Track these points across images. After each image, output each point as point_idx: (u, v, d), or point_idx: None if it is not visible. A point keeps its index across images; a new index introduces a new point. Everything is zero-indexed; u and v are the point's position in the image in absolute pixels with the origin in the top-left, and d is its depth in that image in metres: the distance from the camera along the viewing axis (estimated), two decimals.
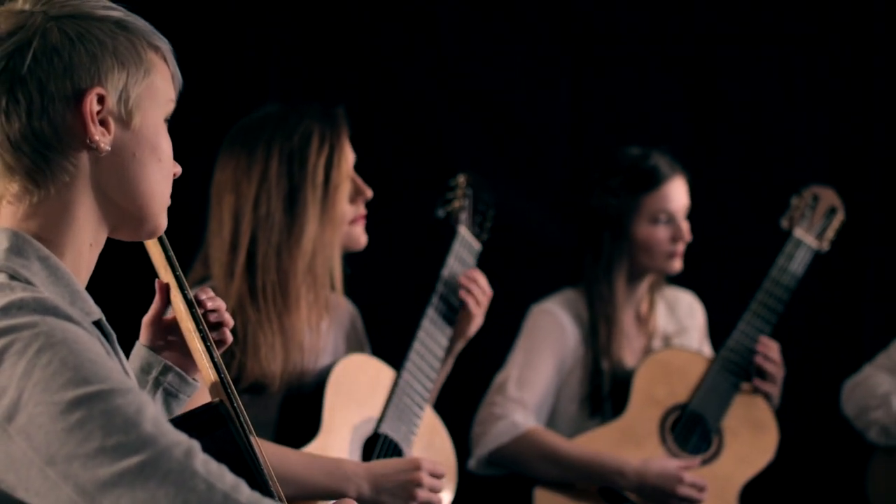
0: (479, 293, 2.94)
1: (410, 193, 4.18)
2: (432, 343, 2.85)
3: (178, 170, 1.77)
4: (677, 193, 3.52)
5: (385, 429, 2.75)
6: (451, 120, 4.42)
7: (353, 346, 2.96)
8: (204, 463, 1.50)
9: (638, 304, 3.59)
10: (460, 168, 3.17)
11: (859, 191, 4.26)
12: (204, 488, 1.47)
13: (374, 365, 2.84)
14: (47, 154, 1.64)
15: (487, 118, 4.45)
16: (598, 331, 3.50)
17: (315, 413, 2.68)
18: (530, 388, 3.46)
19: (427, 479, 2.60)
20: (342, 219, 2.74)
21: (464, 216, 3.06)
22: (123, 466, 1.46)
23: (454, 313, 2.92)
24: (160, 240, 1.90)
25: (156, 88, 1.71)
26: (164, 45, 1.74)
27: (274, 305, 2.66)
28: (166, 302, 1.93)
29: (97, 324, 1.64)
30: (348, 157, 2.76)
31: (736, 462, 3.51)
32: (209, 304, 1.96)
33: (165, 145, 1.73)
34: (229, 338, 1.99)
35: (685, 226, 3.51)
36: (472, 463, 3.46)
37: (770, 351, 3.52)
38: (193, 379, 1.97)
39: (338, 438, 2.68)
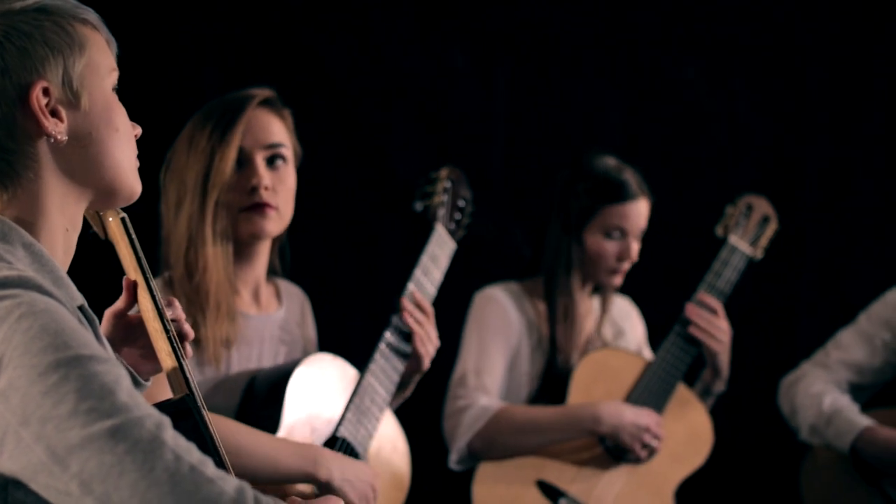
0: (424, 337, 2.89)
1: (350, 194, 4.19)
2: (398, 345, 2.82)
3: (139, 130, 1.78)
4: (637, 214, 3.52)
5: (343, 431, 2.73)
6: (388, 121, 4.42)
7: (301, 334, 2.94)
8: (174, 437, 1.50)
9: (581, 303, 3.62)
10: (397, 169, 3.08)
11: (793, 199, 4.33)
12: (171, 458, 1.47)
13: (338, 365, 2.82)
14: (7, 158, 1.65)
15: (425, 119, 4.46)
16: (555, 318, 3.53)
17: (275, 412, 2.67)
18: (489, 374, 3.47)
19: (378, 487, 2.64)
20: (219, 197, 2.74)
21: (442, 212, 3.01)
22: (94, 430, 1.46)
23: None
24: (130, 240, 1.91)
25: (95, 63, 1.71)
26: (91, 15, 1.73)
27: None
28: (133, 300, 1.93)
29: (80, 309, 1.64)
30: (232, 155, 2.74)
31: (671, 461, 3.55)
32: (169, 314, 1.94)
33: (119, 114, 1.73)
34: (188, 352, 1.99)
35: (635, 247, 3.52)
36: (452, 458, 3.47)
37: (709, 302, 3.58)
38: (145, 380, 1.96)
39: (297, 438, 2.66)
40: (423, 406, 3.67)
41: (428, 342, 2.87)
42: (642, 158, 4.12)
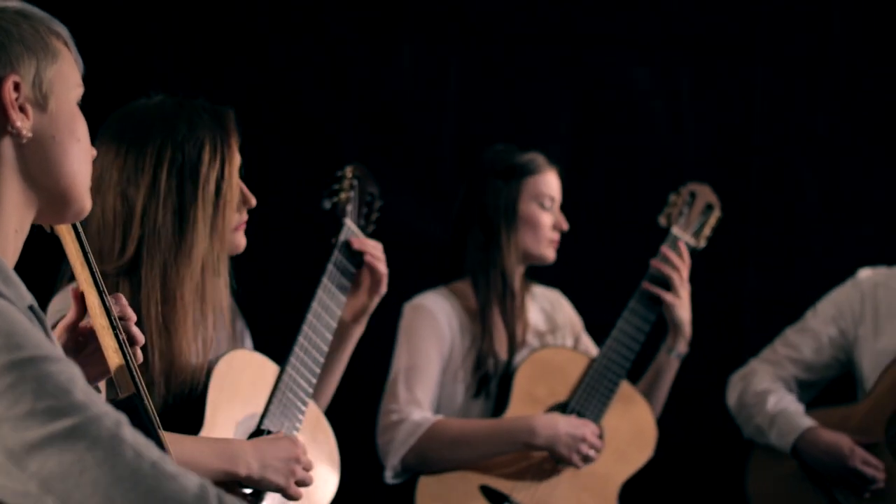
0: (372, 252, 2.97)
1: (295, 189, 4.18)
2: (317, 338, 2.84)
3: (94, 152, 1.80)
4: (557, 184, 3.60)
5: (268, 424, 2.74)
6: (337, 117, 4.42)
7: (235, 344, 2.93)
8: (132, 434, 1.50)
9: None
10: (346, 164, 3.13)
11: (738, 195, 4.35)
12: (132, 455, 1.47)
13: (258, 360, 2.81)
14: None
15: (374, 116, 4.46)
16: (487, 316, 3.53)
17: (198, 409, 2.66)
18: (420, 386, 3.47)
19: (304, 458, 2.61)
20: (230, 231, 2.69)
21: (350, 208, 3.04)
22: (53, 429, 1.46)
23: (340, 304, 2.91)
24: (77, 234, 1.91)
25: (64, 74, 1.74)
26: (64, 31, 1.77)
27: (156, 326, 2.60)
28: (83, 311, 1.94)
29: (30, 308, 1.64)
30: (237, 167, 2.70)
31: (615, 460, 3.54)
32: (116, 311, 1.94)
33: (82, 127, 1.76)
34: (139, 356, 1.97)
35: (562, 216, 3.59)
36: (388, 475, 3.46)
37: (673, 257, 3.58)
38: (95, 387, 1.95)
39: (221, 434, 2.66)
40: (359, 419, 3.62)
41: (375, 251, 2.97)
42: (589, 154, 4.13)
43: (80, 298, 1.93)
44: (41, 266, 2.23)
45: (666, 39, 4.52)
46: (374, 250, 2.96)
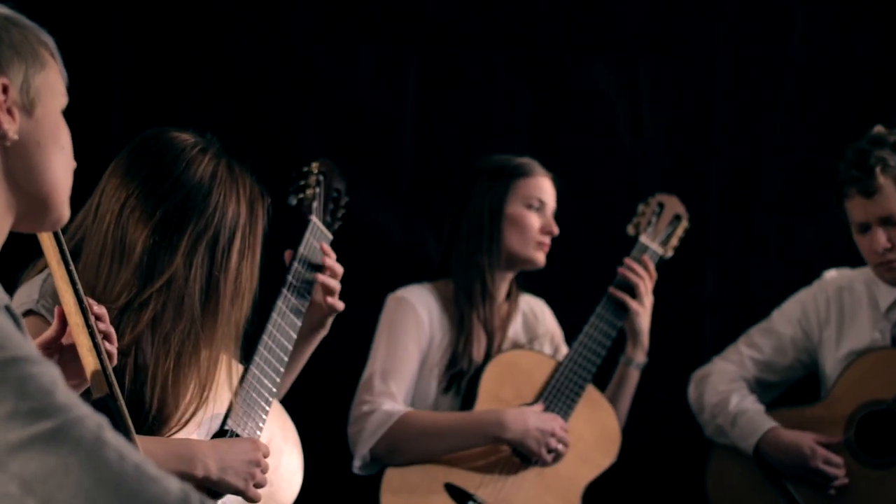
0: (329, 279, 2.89)
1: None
2: (281, 337, 2.81)
3: (75, 164, 1.79)
4: (549, 188, 3.61)
5: (231, 424, 2.70)
6: (297, 117, 4.40)
7: None
8: (114, 436, 1.48)
9: (498, 304, 3.63)
10: (306, 163, 3.10)
11: (699, 197, 4.36)
12: (115, 457, 1.45)
13: (223, 360, 2.75)
14: None
15: (334, 117, 4.45)
16: (466, 316, 3.54)
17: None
18: (396, 379, 3.48)
19: (264, 461, 2.60)
20: (246, 316, 2.68)
21: (316, 204, 3.00)
22: (35, 431, 1.44)
23: (305, 304, 2.87)
24: (55, 233, 1.90)
25: (51, 82, 1.75)
26: (51, 41, 1.78)
27: (160, 389, 2.56)
28: (63, 330, 1.93)
29: (6, 309, 1.61)
30: (258, 257, 2.68)
31: (579, 463, 3.56)
32: (95, 309, 1.94)
33: (65, 135, 1.76)
34: (114, 358, 1.96)
35: (553, 222, 3.59)
36: (356, 464, 3.46)
37: (639, 267, 3.62)
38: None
39: (184, 434, 2.62)
40: (329, 409, 3.63)
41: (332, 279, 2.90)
42: (550, 158, 4.12)
43: (62, 317, 1.92)
44: (14, 265, 2.23)
45: (625, 41, 4.52)
46: (330, 279, 2.88)
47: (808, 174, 4.51)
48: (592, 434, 3.59)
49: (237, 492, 2.54)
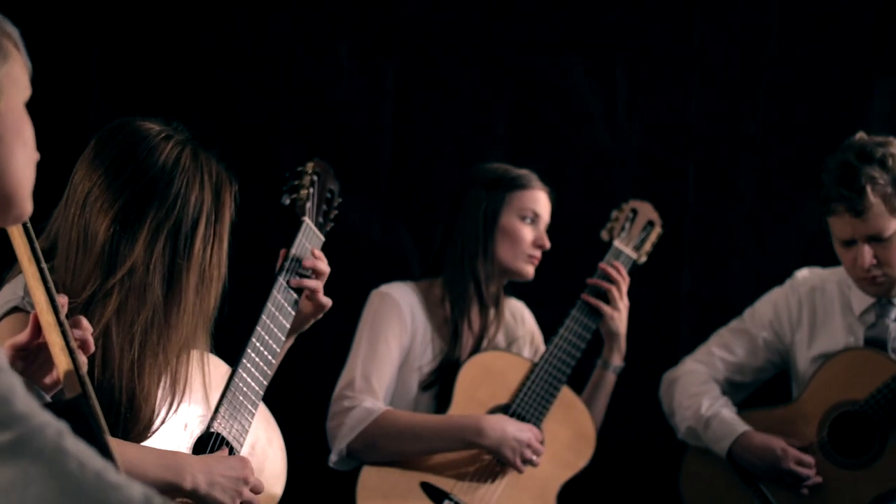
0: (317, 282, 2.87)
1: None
2: (270, 339, 2.79)
3: (38, 156, 1.76)
4: (544, 201, 3.64)
5: (217, 427, 2.68)
6: (276, 118, 4.41)
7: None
8: (74, 444, 1.46)
9: (487, 309, 3.65)
10: (284, 167, 3.07)
11: (674, 199, 4.39)
12: (76, 467, 1.44)
13: (210, 361, 2.74)
14: None
15: (312, 120, 4.45)
16: (456, 320, 3.57)
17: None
18: (377, 375, 3.49)
19: (253, 478, 2.58)
20: (215, 306, 2.65)
21: (309, 205, 2.96)
22: None
23: (295, 306, 2.84)
24: (26, 230, 1.89)
25: (15, 75, 1.71)
26: (15, 32, 1.74)
27: (126, 381, 2.53)
28: (37, 336, 1.91)
29: None
30: (227, 244, 2.67)
31: (554, 464, 3.57)
32: (66, 308, 1.92)
33: (28, 130, 1.73)
34: (84, 361, 1.95)
35: (545, 236, 3.61)
36: (332, 458, 3.47)
37: (612, 272, 3.64)
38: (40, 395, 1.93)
39: (170, 435, 2.61)
40: (307, 404, 3.63)
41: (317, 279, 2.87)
42: (527, 161, 4.13)
43: (35, 324, 1.90)
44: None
45: (602, 43, 4.53)
46: (314, 283, 2.85)
47: (784, 175, 4.53)
48: (567, 435, 3.61)
49: None
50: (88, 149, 2.61)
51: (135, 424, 2.54)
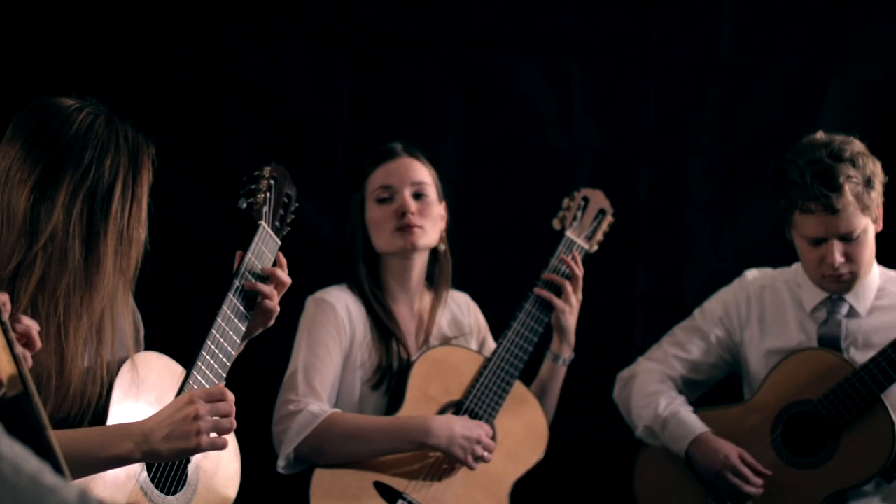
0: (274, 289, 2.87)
1: (189, 190, 4.16)
2: (225, 343, 2.78)
3: None
4: (401, 170, 3.60)
5: None
6: (229, 118, 4.40)
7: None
8: (9, 446, 1.46)
9: (413, 300, 3.66)
10: (238, 166, 3.06)
11: (627, 195, 4.40)
12: (10, 471, 1.43)
13: (164, 362, 2.77)
14: None
15: (266, 118, 4.44)
16: (379, 317, 3.57)
17: (101, 414, 2.61)
18: (319, 378, 3.48)
19: (205, 408, 2.58)
20: (136, 267, 2.68)
21: (265, 210, 2.96)
22: None
23: (250, 311, 2.84)
24: None
25: None
26: None
27: (55, 344, 2.57)
28: None
29: None
30: (146, 205, 2.69)
31: (507, 460, 3.57)
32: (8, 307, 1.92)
33: None
34: (29, 360, 1.95)
35: (411, 200, 3.57)
36: (280, 464, 3.45)
37: (567, 264, 3.64)
38: None
39: (120, 392, 2.63)
40: (259, 406, 3.62)
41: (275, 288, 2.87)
42: (480, 154, 4.15)
43: None
44: None
45: (556, 41, 4.54)
46: (269, 289, 2.84)
47: (736, 174, 4.55)
48: (520, 430, 3.61)
49: (187, 452, 2.56)
50: (7, 129, 2.66)
51: (67, 388, 2.56)
